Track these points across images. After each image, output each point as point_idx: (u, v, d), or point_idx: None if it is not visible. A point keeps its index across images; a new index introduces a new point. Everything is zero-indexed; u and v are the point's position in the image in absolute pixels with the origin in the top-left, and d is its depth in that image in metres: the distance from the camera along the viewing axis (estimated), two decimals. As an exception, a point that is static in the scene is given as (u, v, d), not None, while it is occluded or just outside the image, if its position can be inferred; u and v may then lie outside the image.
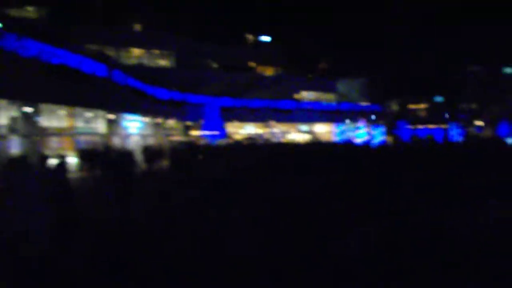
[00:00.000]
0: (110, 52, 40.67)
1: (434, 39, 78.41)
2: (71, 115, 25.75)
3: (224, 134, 42.25)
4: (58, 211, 8.39)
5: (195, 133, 43.74)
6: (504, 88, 61.52)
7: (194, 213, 7.98)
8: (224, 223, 7.11)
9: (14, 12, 35.26)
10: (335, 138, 47.91)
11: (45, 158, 13.71)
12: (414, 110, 65.17)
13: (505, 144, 23.43)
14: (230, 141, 42.17)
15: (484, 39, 71.67)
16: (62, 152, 17.91)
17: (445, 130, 49.55)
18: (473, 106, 64.64)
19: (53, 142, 24.33)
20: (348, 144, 29.78)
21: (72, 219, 9.05)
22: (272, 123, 50.63)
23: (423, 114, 64.76)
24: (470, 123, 55.57)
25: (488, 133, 49.06)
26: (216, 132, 41.31)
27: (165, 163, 26.77)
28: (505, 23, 76.42)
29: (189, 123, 44.41)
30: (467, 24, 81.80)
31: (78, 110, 26.15)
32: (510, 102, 54.35)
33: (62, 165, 13.32)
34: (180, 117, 42.42)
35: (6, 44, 17.51)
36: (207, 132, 41.49)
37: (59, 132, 25.18)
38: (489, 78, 64.22)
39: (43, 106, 22.34)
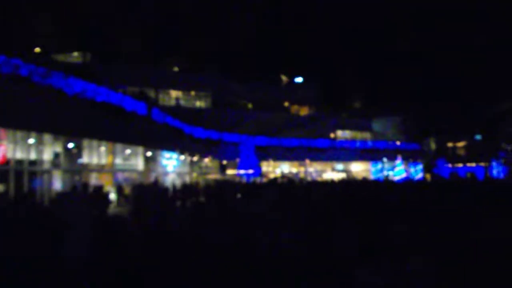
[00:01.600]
0: (150, 93, 42.21)
1: (469, 76, 77.35)
2: (111, 152, 26.53)
3: (259, 173, 42.38)
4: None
5: (231, 171, 44.05)
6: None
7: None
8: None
9: (61, 57, 37.40)
10: (372, 177, 47.18)
11: (86, 187, 14.22)
12: (453, 148, 63.79)
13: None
14: (265, 179, 42.16)
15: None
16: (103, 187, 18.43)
17: (486, 168, 48.12)
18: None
19: (93, 178, 25.02)
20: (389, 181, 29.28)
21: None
22: (307, 162, 50.51)
23: (462, 152, 63.25)
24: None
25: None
26: (251, 171, 41.52)
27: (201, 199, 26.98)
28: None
29: (225, 161, 44.85)
30: (503, 60, 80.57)
31: (117, 147, 26.95)
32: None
33: (101, 194, 13.78)
34: (216, 155, 42.95)
35: (54, 83, 18.48)
36: (242, 171, 41.75)
37: (99, 169, 25.94)
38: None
39: (85, 143, 23.20)
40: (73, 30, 41.60)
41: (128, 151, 28.20)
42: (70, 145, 21.28)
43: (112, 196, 23.23)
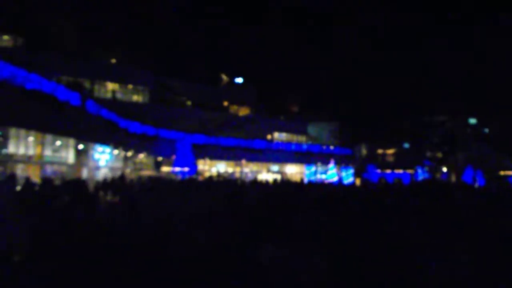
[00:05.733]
0: (86, 84, 40.74)
1: (403, 89, 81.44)
2: (40, 142, 25.35)
3: (194, 171, 42.10)
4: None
5: (166, 168, 43.42)
6: (469, 137, 64.02)
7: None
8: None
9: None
10: (305, 179, 48.28)
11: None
12: (383, 155, 66.76)
13: (469, 187, 24.09)
14: (200, 178, 41.91)
15: (452, 91, 75.15)
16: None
17: (412, 175, 50.77)
18: (439, 154, 66.70)
19: (19, 169, 23.77)
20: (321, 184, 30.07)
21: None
22: (244, 162, 50.82)
23: (391, 159, 66.31)
24: (436, 169, 57.16)
25: (453, 179, 50.51)
26: (186, 169, 41.14)
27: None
28: (469, 77, 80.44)
29: (160, 158, 44.15)
30: (435, 77, 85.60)
31: (47, 137, 25.78)
32: (474, 150, 56.41)
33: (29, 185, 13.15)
34: (152, 151, 42.18)
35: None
36: (178, 168, 41.27)
37: (26, 160, 24.69)
38: (455, 128, 66.82)
39: (12, 131, 22.03)
40: (5, 11, 39.23)
41: (58, 143, 27.05)
42: (-5, 133, 20.14)
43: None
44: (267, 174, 52.89)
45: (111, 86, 47.00)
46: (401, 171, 55.73)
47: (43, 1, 44.06)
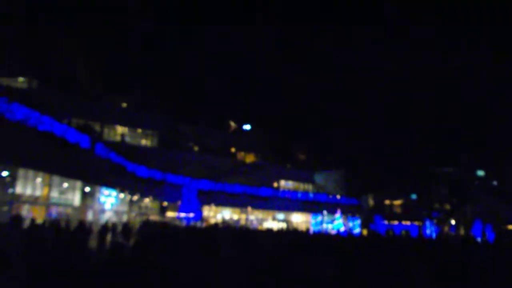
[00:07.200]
0: (96, 126, 41.26)
1: (409, 140, 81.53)
2: (47, 184, 25.39)
3: (200, 217, 41.75)
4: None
5: (171, 213, 43.12)
6: (477, 190, 63.37)
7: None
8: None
9: (5, 81, 36.04)
10: (312, 228, 47.64)
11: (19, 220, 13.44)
12: (390, 206, 66.00)
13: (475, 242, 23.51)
14: (205, 224, 41.52)
15: (459, 143, 75.08)
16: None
17: (420, 227, 49.98)
18: (447, 206, 65.89)
19: (25, 210, 23.70)
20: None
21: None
22: (249, 209, 50.39)
23: (398, 210, 65.52)
24: (445, 222, 56.27)
25: (461, 232, 49.63)
26: (192, 214, 40.83)
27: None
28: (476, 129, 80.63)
29: (165, 203, 43.93)
30: (442, 128, 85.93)
31: (55, 179, 25.85)
32: (482, 203, 55.67)
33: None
34: (158, 196, 42.02)
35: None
36: (183, 214, 40.96)
37: (32, 201, 24.65)
38: (462, 180, 66.31)
39: (21, 172, 22.12)
40: (20, 54, 40.33)
41: (65, 185, 27.08)
42: (5, 173, 20.19)
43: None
44: (273, 222, 52.32)
45: (120, 129, 47.54)
46: (408, 222, 54.95)
47: (58, 45, 45.27)
